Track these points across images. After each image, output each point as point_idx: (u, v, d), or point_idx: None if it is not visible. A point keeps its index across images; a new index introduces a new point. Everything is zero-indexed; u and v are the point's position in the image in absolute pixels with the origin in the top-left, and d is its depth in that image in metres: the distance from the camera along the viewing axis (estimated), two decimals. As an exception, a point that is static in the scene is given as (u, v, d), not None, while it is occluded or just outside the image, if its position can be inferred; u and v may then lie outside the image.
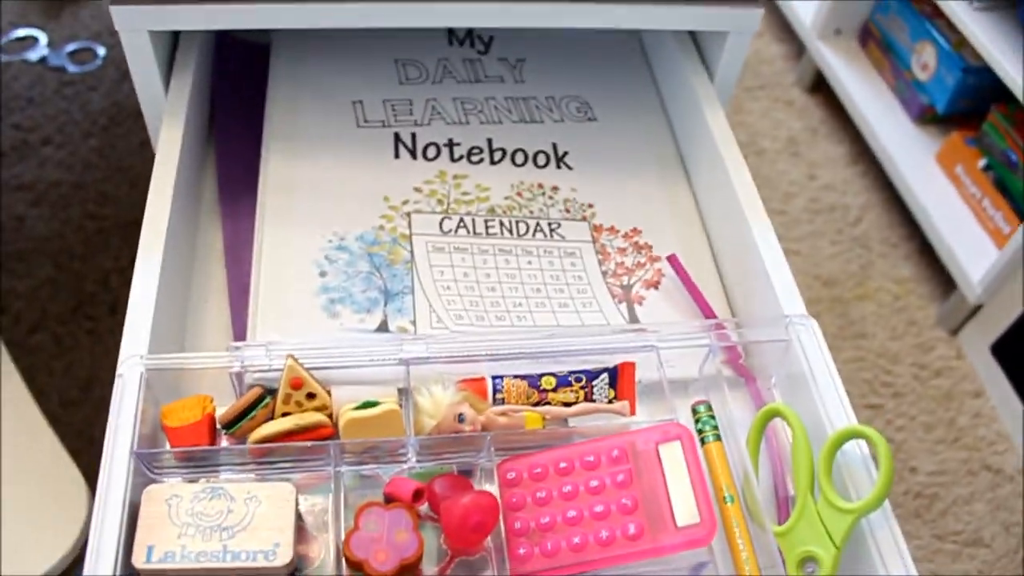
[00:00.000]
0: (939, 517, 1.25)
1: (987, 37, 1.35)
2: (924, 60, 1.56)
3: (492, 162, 0.67)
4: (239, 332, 0.58)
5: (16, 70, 1.58)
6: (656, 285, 0.62)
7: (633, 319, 0.60)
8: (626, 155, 0.70)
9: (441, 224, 0.62)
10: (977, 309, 1.40)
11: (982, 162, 1.45)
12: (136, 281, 0.53)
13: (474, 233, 0.62)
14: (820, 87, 1.76)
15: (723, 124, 0.67)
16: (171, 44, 0.67)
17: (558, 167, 0.68)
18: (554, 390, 0.50)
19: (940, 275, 1.49)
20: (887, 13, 1.64)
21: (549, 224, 0.64)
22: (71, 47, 1.60)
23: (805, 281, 1.48)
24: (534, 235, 0.63)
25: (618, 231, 0.65)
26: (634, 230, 0.65)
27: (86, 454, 1.18)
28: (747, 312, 0.60)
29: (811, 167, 1.65)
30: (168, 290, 0.55)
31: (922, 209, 1.47)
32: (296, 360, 0.47)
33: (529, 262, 0.61)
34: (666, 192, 0.68)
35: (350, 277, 0.57)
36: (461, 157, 0.67)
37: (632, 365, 0.52)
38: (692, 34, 0.73)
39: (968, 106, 1.52)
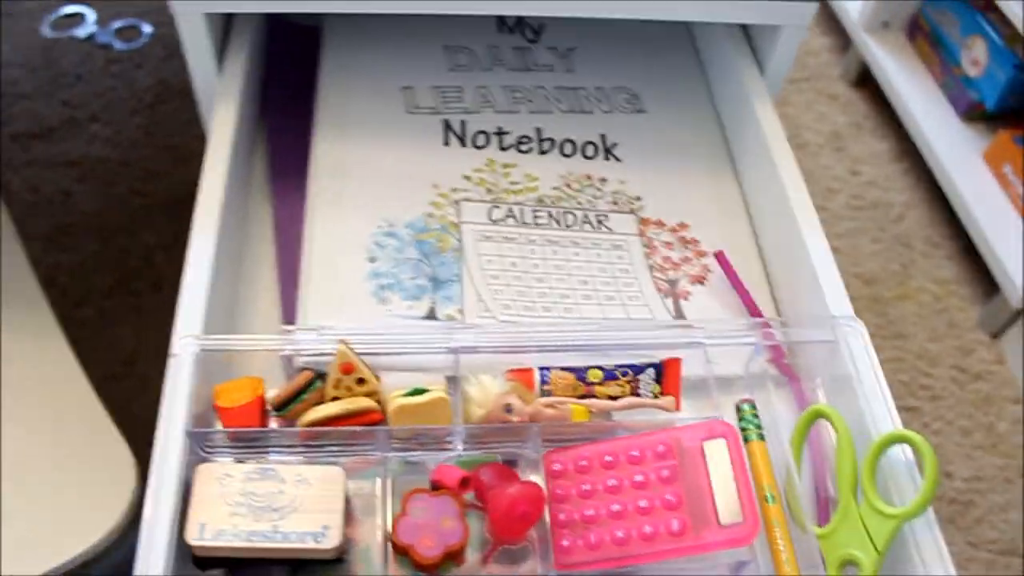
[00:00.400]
0: (974, 524, 1.24)
1: (1042, 35, 1.32)
2: (975, 55, 1.53)
3: (541, 152, 0.67)
4: (288, 314, 0.58)
5: (65, 47, 1.60)
6: (702, 280, 0.62)
7: (679, 314, 0.60)
8: (674, 148, 0.70)
9: (490, 213, 0.63)
10: (1020, 313, 1.38)
11: (1031, 162, 1.42)
12: (190, 261, 0.54)
13: (522, 223, 0.62)
14: (866, 81, 1.73)
15: (773, 118, 0.66)
16: (224, 26, 0.68)
17: (606, 158, 0.68)
18: (600, 383, 0.51)
19: (983, 277, 1.47)
20: (937, 6, 1.61)
21: (597, 216, 0.64)
22: (117, 24, 1.62)
23: (845, 279, 1.45)
24: (582, 226, 0.63)
25: (665, 224, 0.65)
26: (681, 224, 0.65)
27: (126, 429, 1.20)
28: (793, 311, 0.60)
29: (854, 162, 1.63)
30: (220, 270, 0.56)
31: (966, 209, 1.45)
32: (348, 345, 0.48)
33: (576, 253, 0.61)
34: (714, 186, 0.68)
35: (399, 263, 0.58)
36: (510, 146, 0.67)
37: (678, 361, 0.52)
38: (744, 26, 0.73)
39: (1018, 104, 1.49)
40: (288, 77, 0.73)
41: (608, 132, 0.70)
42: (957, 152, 1.52)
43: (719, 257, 0.62)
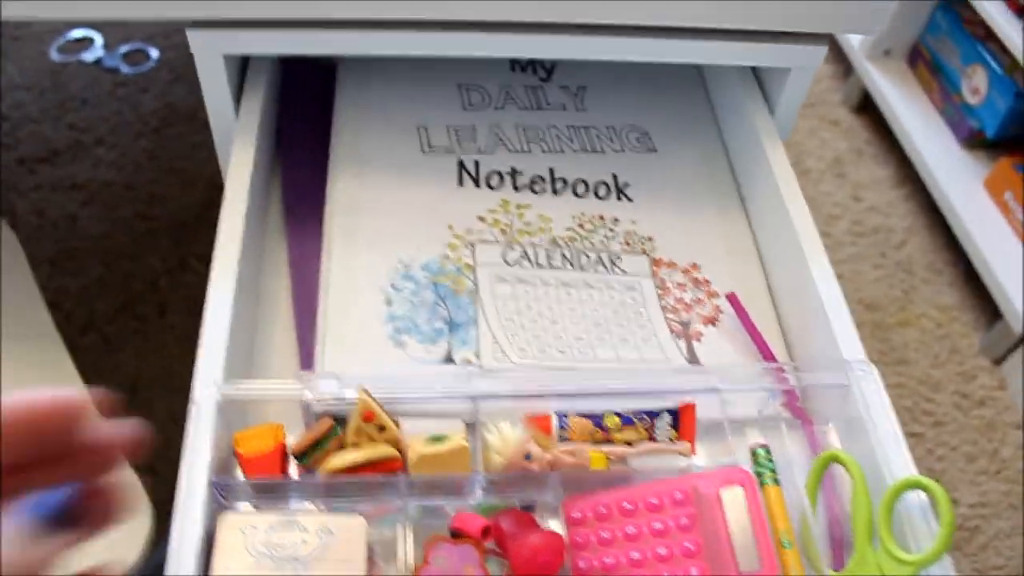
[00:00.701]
0: (980, 551, 1.25)
1: (1042, 64, 1.34)
2: (975, 84, 1.54)
3: (554, 192, 0.68)
4: (305, 357, 0.59)
5: (72, 71, 1.61)
6: (714, 322, 0.62)
7: (692, 356, 0.60)
8: (685, 188, 0.70)
9: (505, 254, 0.63)
10: (1022, 339, 1.38)
11: (1032, 190, 1.43)
12: (209, 307, 0.54)
13: (537, 264, 0.63)
14: (867, 108, 1.75)
15: (783, 160, 0.67)
16: (242, 65, 0.69)
17: (619, 198, 0.68)
18: (618, 429, 0.51)
19: (985, 303, 1.48)
20: (938, 35, 1.62)
21: (610, 257, 0.64)
22: (125, 48, 1.63)
23: (847, 305, 1.47)
24: (595, 268, 0.63)
25: (677, 265, 0.65)
26: (693, 265, 0.65)
27: (132, 454, 1.20)
28: (805, 353, 0.60)
29: (856, 188, 1.64)
30: (239, 314, 0.56)
31: (968, 235, 1.46)
32: (368, 393, 0.48)
33: (590, 295, 0.62)
34: (724, 227, 0.69)
35: (415, 307, 0.58)
36: (524, 186, 0.68)
37: (693, 406, 0.52)
38: (754, 67, 0.73)
39: (1019, 132, 1.50)
40: (303, 112, 0.74)
41: (620, 172, 0.70)
42: (958, 179, 1.53)
43: (731, 299, 0.62)
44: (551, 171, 0.69)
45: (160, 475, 1.18)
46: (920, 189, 1.61)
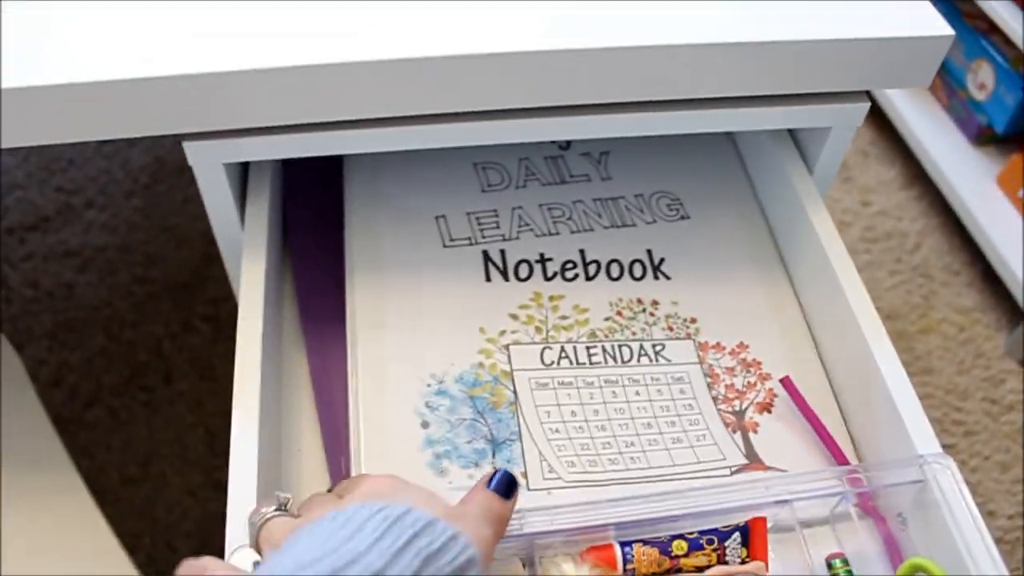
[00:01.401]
0: (1023, 564, 1.22)
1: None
2: (980, 79, 1.51)
3: (587, 277, 0.64)
4: (336, 481, 0.55)
5: (54, 130, 1.57)
6: (769, 408, 0.59)
7: (750, 451, 0.57)
8: (724, 258, 0.67)
9: (542, 355, 0.59)
10: (1048, 340, 1.36)
11: (1047, 186, 1.40)
12: (235, 440, 0.51)
13: (577, 363, 0.59)
14: (870, 108, 1.71)
15: (828, 224, 0.63)
16: (242, 169, 0.65)
17: (655, 277, 0.65)
18: (686, 555, 0.48)
19: (1006, 302, 1.45)
20: (938, 30, 1.59)
21: (653, 346, 0.61)
22: (107, 102, 1.59)
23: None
24: (639, 360, 0.60)
25: (724, 348, 0.61)
26: (741, 345, 0.62)
27: (148, 535, 1.17)
28: (870, 440, 0.57)
29: (864, 192, 1.61)
30: (266, 442, 0.52)
31: (983, 234, 1.43)
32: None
33: (637, 392, 0.58)
34: (769, 299, 0.65)
35: (454, 427, 0.55)
36: (555, 274, 0.64)
37: (763, 521, 0.49)
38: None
39: (1029, 127, 1.47)
40: (310, 203, 0.70)
41: (654, 246, 0.67)
42: (969, 177, 1.50)
43: (786, 384, 0.59)
44: (582, 253, 0.65)
45: (178, 551, 1.15)
46: (930, 189, 1.58)
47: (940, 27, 0.57)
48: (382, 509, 0.37)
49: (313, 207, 0.70)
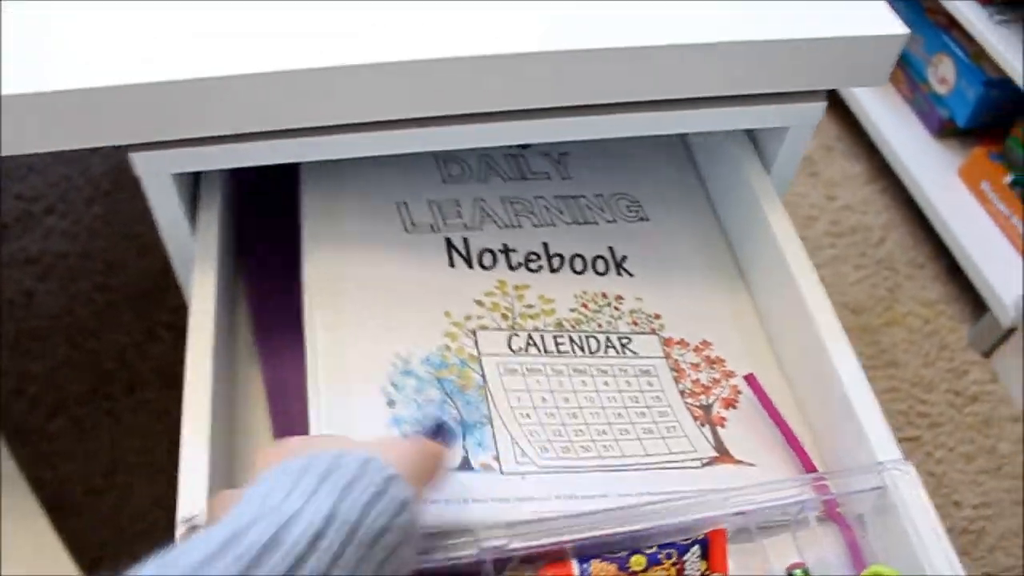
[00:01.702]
0: (988, 553, 1.23)
1: (1008, 50, 1.32)
2: (941, 73, 1.52)
3: (552, 270, 0.64)
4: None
5: (12, 136, 1.54)
6: (734, 404, 0.59)
7: (719, 444, 0.56)
8: (683, 259, 0.67)
9: (510, 342, 0.59)
10: (1010, 331, 1.37)
11: (1008, 178, 1.42)
12: (185, 449, 0.50)
13: (545, 351, 0.59)
14: (834, 103, 1.72)
15: (786, 223, 0.63)
16: (193, 179, 0.64)
17: (619, 274, 0.65)
18: (644, 570, 0.47)
19: (970, 295, 1.46)
20: (900, 25, 1.60)
21: (620, 339, 0.61)
22: (66, 106, 1.56)
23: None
24: (606, 352, 0.60)
25: (688, 344, 0.62)
26: (704, 343, 0.62)
27: (113, 545, 1.15)
28: (829, 441, 0.57)
29: (829, 187, 1.62)
30: (218, 449, 0.52)
31: (947, 227, 1.44)
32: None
33: (606, 383, 0.58)
34: (728, 300, 0.65)
35: (421, 407, 0.54)
36: (519, 265, 0.64)
37: (723, 533, 0.49)
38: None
39: (990, 119, 1.49)
40: (263, 209, 0.69)
41: (615, 244, 0.67)
42: (932, 171, 1.52)
43: (750, 381, 0.59)
44: (545, 246, 0.65)
45: (144, 562, 1.14)
46: (895, 183, 1.60)
47: (895, 26, 0.57)
48: (316, 457, 0.37)
49: (266, 213, 0.69)
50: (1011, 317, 1.33)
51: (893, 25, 0.57)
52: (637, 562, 0.47)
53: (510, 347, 0.59)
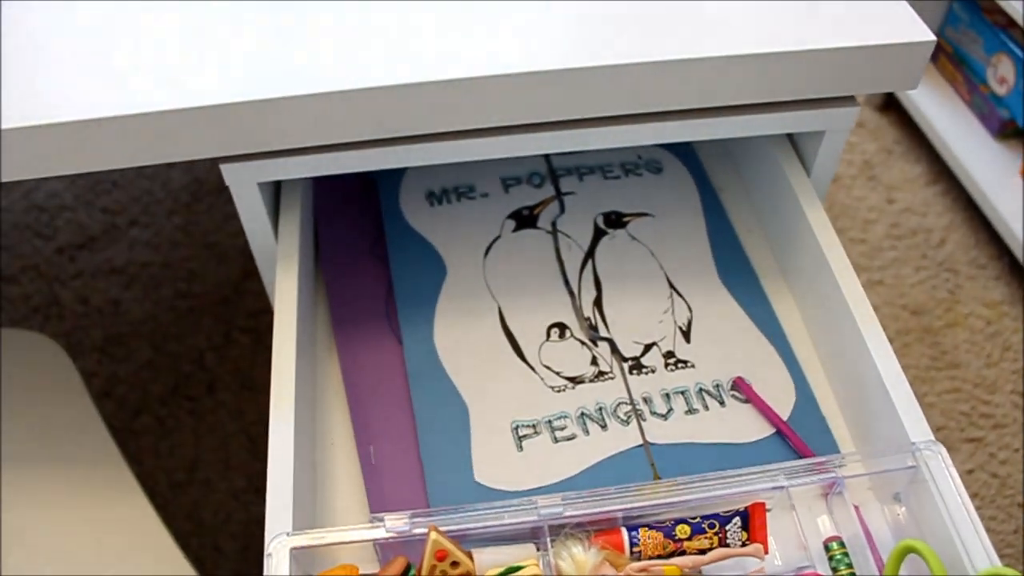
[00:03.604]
0: (1053, 555, 1.22)
1: (1069, 51, 1.31)
2: (1001, 73, 1.52)
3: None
4: (375, 498, 0.59)
5: (99, 154, 1.63)
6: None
7: None
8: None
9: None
10: (1076, 332, 1.36)
11: (1070, 178, 1.40)
12: (272, 454, 0.55)
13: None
14: (891, 106, 1.72)
15: (824, 221, 0.66)
16: (275, 186, 0.69)
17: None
18: (689, 539, 0.51)
19: (1033, 296, 1.45)
20: (958, 26, 1.60)
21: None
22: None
23: (892, 312, 1.45)
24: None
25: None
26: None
27: (195, 536, 1.22)
28: (866, 427, 0.60)
29: (889, 190, 1.62)
30: (301, 455, 0.56)
31: (1008, 227, 1.44)
32: (439, 532, 0.49)
33: None
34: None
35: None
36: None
37: (762, 506, 0.52)
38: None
39: (1051, 119, 1.48)
40: (340, 219, 0.75)
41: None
42: (993, 171, 1.51)
43: (739, 384, 0.62)
44: None
45: (223, 552, 1.21)
46: (955, 185, 1.59)
47: (922, 33, 0.60)
48: None
49: (343, 223, 0.74)
50: (1075, 317, 1.32)
51: (920, 32, 0.60)
52: (682, 531, 0.51)
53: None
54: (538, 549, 0.51)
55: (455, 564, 0.49)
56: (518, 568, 0.49)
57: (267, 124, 0.58)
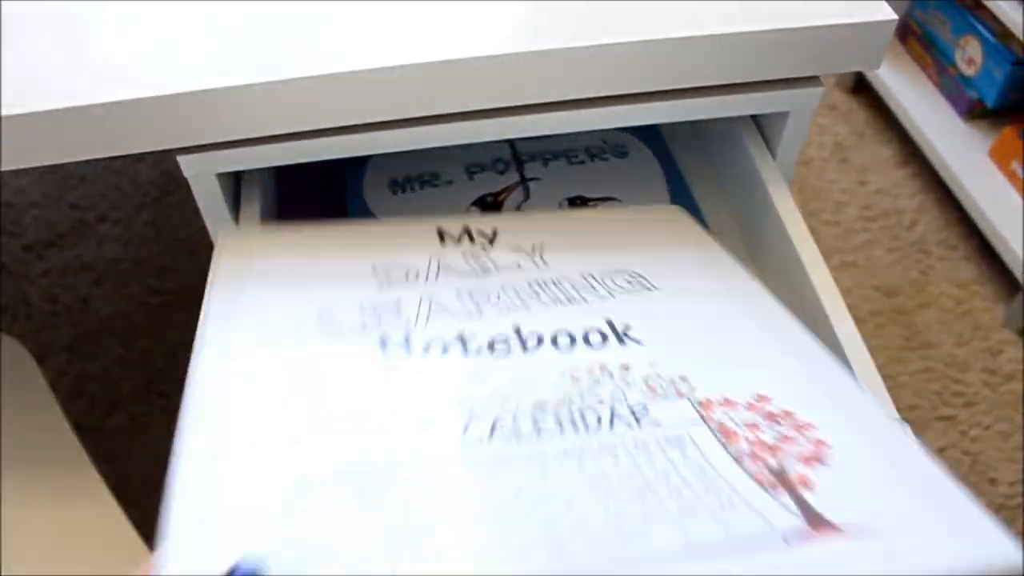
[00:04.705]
0: (1025, 530, 1.24)
1: (1034, 30, 1.32)
2: (969, 55, 1.53)
3: (525, 350, 0.48)
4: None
5: (66, 149, 1.62)
6: (820, 459, 0.41)
7: (806, 510, 0.39)
8: (707, 316, 0.53)
9: (466, 430, 0.42)
10: (1045, 310, 1.37)
11: (1039, 157, 1.42)
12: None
13: (518, 438, 0.42)
14: (862, 88, 1.73)
15: (788, 201, 0.66)
16: (236, 178, 0.69)
17: (622, 343, 0.49)
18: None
19: (1003, 274, 1.47)
20: (926, 8, 1.61)
21: (631, 410, 0.44)
22: (115, 119, 1.63)
23: (865, 293, 1.46)
24: (612, 427, 0.43)
25: (736, 404, 0.45)
26: (760, 397, 0.46)
27: (173, 532, 1.22)
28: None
29: (861, 172, 1.63)
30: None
31: (978, 208, 1.45)
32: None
33: (616, 463, 0.40)
34: (779, 338, 0.51)
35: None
36: (480, 350, 0.47)
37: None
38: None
39: (1019, 99, 1.49)
40: (304, 203, 0.74)
41: (614, 316, 0.52)
42: (962, 152, 1.52)
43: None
44: (516, 329, 0.49)
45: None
46: (925, 166, 1.60)
47: (884, 12, 0.60)
48: None
49: (307, 213, 0.74)
50: (1044, 295, 1.34)
51: (882, 11, 0.60)
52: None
53: (465, 435, 0.42)
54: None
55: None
56: None
57: (224, 113, 0.57)
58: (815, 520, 0.38)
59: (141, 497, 1.25)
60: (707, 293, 0.56)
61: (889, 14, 0.60)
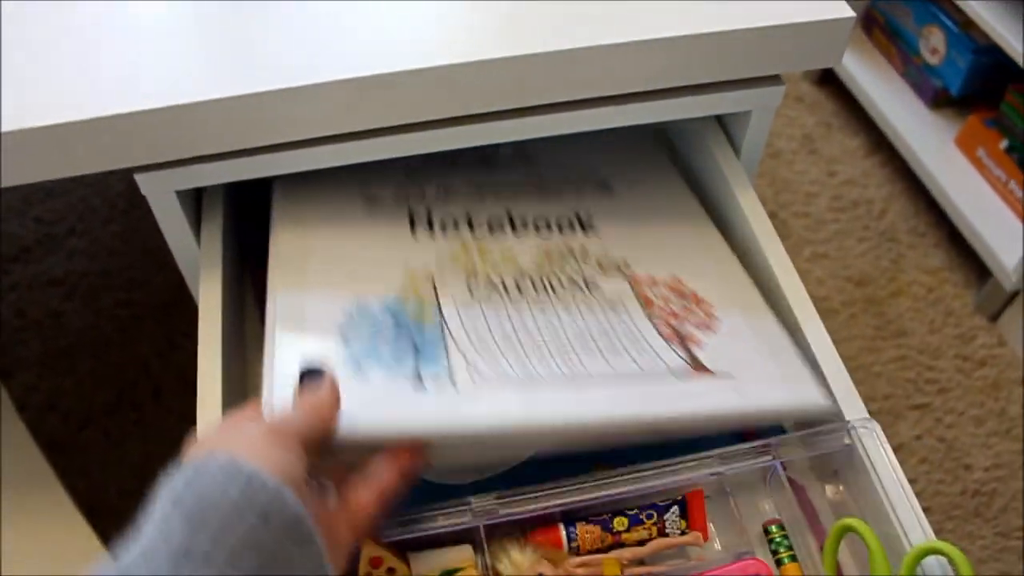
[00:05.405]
0: (1000, 514, 1.25)
1: (995, 19, 1.33)
2: (932, 44, 1.54)
3: (514, 230, 0.67)
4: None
5: (30, 162, 1.59)
6: (710, 327, 0.59)
7: (694, 361, 0.56)
8: (654, 218, 0.70)
9: (469, 286, 0.60)
10: (1015, 295, 1.39)
11: (1004, 144, 1.43)
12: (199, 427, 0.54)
13: (506, 292, 0.60)
14: (829, 79, 1.74)
15: (753, 199, 0.66)
16: (196, 193, 0.68)
17: (585, 232, 0.68)
18: (627, 530, 0.51)
19: (973, 261, 1.48)
20: (890, -2, 1.62)
21: (584, 280, 0.63)
22: (80, 129, 1.61)
23: (837, 284, 1.47)
24: (571, 292, 0.61)
25: (659, 281, 0.64)
26: (676, 279, 0.64)
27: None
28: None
29: (829, 163, 1.63)
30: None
31: (946, 196, 1.46)
32: (373, 539, 0.48)
33: (570, 316, 0.59)
34: (703, 246, 0.67)
35: (374, 337, 0.54)
36: (481, 226, 0.67)
37: (700, 494, 0.52)
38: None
39: (982, 87, 1.50)
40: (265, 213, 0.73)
41: (582, 210, 0.70)
42: (929, 140, 1.53)
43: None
44: (509, 214, 0.68)
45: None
46: (893, 155, 1.61)
47: (841, 9, 0.60)
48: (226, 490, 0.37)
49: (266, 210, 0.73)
50: (1013, 281, 1.35)
51: (840, 9, 0.60)
52: (620, 523, 0.50)
53: (469, 289, 0.60)
54: (475, 550, 0.51)
55: (391, 571, 0.49)
56: (455, 571, 0.48)
57: (180, 131, 0.56)
58: (697, 365, 0.56)
59: (116, 509, 1.24)
60: (658, 207, 0.71)
61: (847, 11, 0.60)
